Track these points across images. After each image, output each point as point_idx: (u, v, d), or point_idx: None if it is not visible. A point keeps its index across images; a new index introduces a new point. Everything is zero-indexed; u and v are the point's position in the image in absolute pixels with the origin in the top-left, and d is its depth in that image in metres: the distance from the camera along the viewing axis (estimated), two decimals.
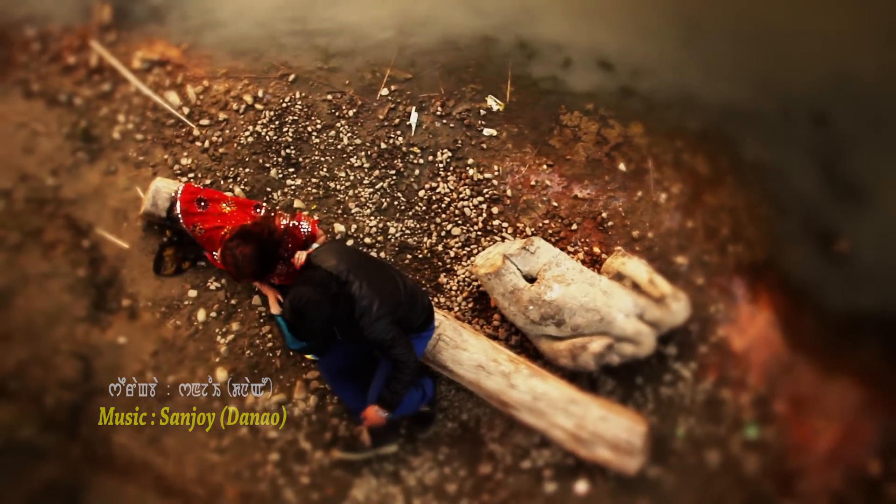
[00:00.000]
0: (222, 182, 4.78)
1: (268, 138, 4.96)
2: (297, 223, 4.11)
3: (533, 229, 4.69)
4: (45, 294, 4.46)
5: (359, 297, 3.69)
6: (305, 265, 3.88)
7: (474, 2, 5.14)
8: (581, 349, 4.26)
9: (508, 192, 4.83)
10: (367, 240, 4.76)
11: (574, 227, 4.71)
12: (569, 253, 4.64)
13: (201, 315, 4.55)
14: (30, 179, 4.78)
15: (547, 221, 4.74)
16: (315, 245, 4.04)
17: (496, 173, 4.87)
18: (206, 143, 4.96)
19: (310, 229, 4.18)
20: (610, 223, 4.71)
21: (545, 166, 4.87)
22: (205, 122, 5.01)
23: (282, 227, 4.01)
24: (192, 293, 4.60)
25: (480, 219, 4.79)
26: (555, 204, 4.78)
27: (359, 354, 4.17)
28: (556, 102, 4.98)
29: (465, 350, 4.29)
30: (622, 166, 4.84)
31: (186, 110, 5.01)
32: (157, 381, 4.34)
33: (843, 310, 4.44)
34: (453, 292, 4.67)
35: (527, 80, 5.06)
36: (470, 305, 4.62)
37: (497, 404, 4.31)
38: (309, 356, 4.30)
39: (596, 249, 4.66)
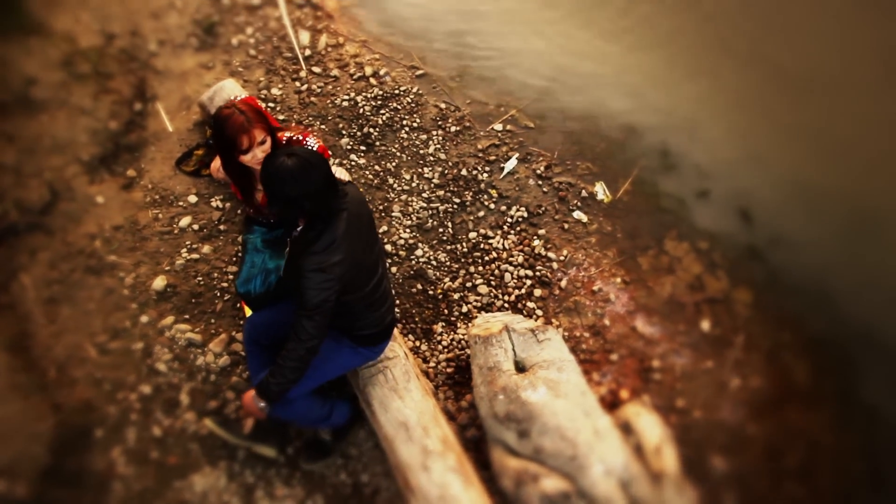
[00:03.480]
0: (292, 124, 4.39)
1: (361, 111, 4.53)
2: (302, 138, 3.51)
3: (566, 332, 3.79)
4: (69, 123, 4.18)
5: (329, 235, 2.84)
6: None
7: (642, 90, 4.57)
8: (531, 479, 3.16)
9: (563, 283, 3.98)
10: (389, 247, 4.09)
11: (614, 357, 3.73)
12: (591, 381, 3.66)
13: (184, 221, 4.02)
14: (137, 37, 4.69)
15: (587, 335, 3.81)
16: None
17: (562, 258, 4.06)
18: (304, 87, 4.63)
19: (315, 145, 3.53)
20: (657, 376, 3.68)
21: (619, 279, 3.99)
22: (317, 70, 4.72)
23: (284, 138, 3.43)
24: (192, 199, 4.12)
25: (517, 292, 3.96)
26: (606, 322, 3.85)
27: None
28: (668, 223, 4.15)
29: (400, 398, 3.35)
30: (706, 325, 3.84)
31: (308, 52, 4.77)
32: (99, 255, 3.85)
33: None
34: (440, 347, 3.80)
35: (649, 188, 4.29)
36: (448, 370, 3.71)
37: (400, 481, 3.27)
38: (248, 310, 3.60)
39: (623, 394, 3.63)
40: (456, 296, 3.96)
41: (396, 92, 4.65)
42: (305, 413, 3.20)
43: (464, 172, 4.36)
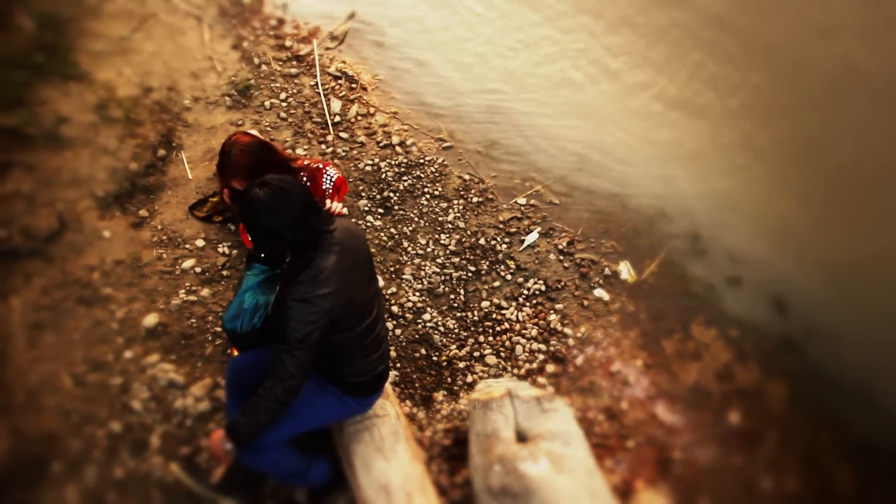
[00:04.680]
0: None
1: (383, 176, 4.45)
2: (322, 167, 3.35)
3: (579, 412, 3.43)
4: (90, 161, 4.14)
5: (318, 265, 2.60)
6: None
7: (673, 174, 4.40)
8: None
9: (578, 361, 3.67)
10: (396, 308, 3.86)
11: (630, 444, 3.35)
12: (603, 468, 3.27)
13: (188, 263, 3.86)
14: (173, 92, 4.75)
15: (601, 417, 3.45)
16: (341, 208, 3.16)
17: (579, 335, 3.77)
18: (329, 150, 4.59)
19: (334, 180, 3.36)
20: (678, 470, 3.28)
21: (640, 362, 3.66)
22: (344, 135, 4.69)
23: (302, 162, 3.29)
24: (200, 243, 3.98)
25: (528, 366, 3.65)
26: (624, 406, 3.50)
27: None
28: (696, 308, 3.85)
29: (385, 460, 2.99)
30: (735, 417, 3.46)
31: (337, 119, 4.77)
32: (95, 287, 3.69)
33: None
34: (439, 416, 3.47)
35: (677, 270, 4.03)
36: (445, 441, 3.36)
37: None
38: (235, 350, 3.35)
39: (638, 484, 3.23)
40: (461, 364, 3.68)
41: (421, 161, 4.58)
42: (278, 464, 2.86)
43: (482, 241, 4.18)
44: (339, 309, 2.62)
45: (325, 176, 3.40)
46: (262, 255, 3.11)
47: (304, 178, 3.48)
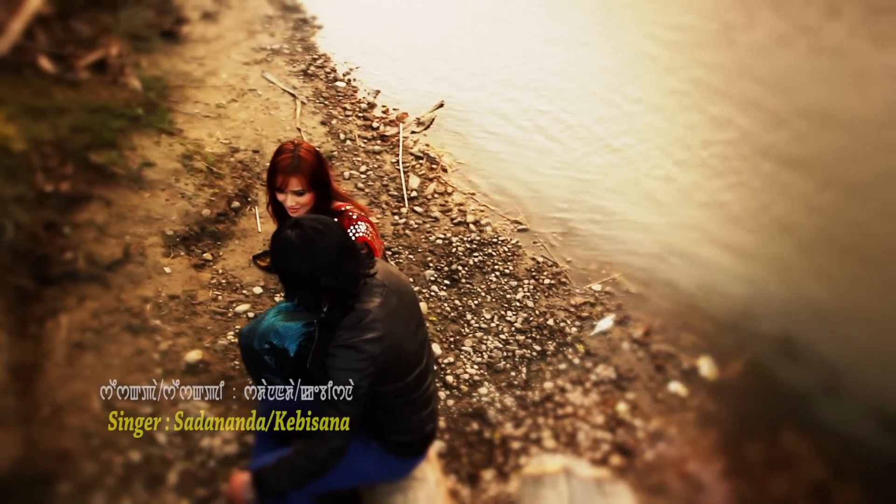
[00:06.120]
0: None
1: (453, 250, 4.30)
2: (353, 216, 3.10)
3: None
4: (166, 203, 4.15)
5: (362, 308, 2.35)
6: None
7: (762, 274, 4.07)
8: None
9: (648, 457, 3.23)
10: (451, 378, 3.56)
11: None
12: None
13: (242, 307, 3.73)
14: (258, 155, 4.85)
15: None
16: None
17: (649, 429, 3.36)
18: (402, 221, 4.51)
19: (364, 233, 2.90)
20: None
21: (719, 466, 3.20)
22: (419, 209, 4.62)
23: (343, 206, 3.09)
24: (258, 290, 3.85)
25: (589, 454, 3.23)
26: None
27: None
28: (785, 414, 3.40)
29: None
30: None
31: (413, 194, 4.72)
32: (145, 317, 3.57)
33: None
34: (485, 496, 3.07)
35: (765, 372, 3.61)
36: None
37: None
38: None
39: None
40: (516, 445, 3.31)
41: (494, 240, 4.43)
42: None
43: (550, 322, 3.90)
44: (387, 356, 2.33)
45: (352, 228, 2.94)
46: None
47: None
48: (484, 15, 7.91)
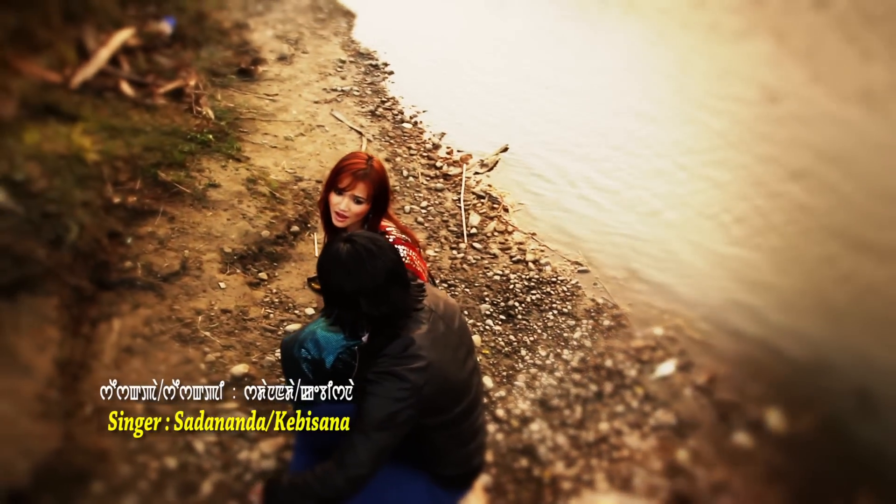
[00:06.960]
0: (436, 282, 4.11)
1: (511, 286, 4.19)
2: (396, 238, 3.02)
3: None
4: (227, 222, 4.18)
5: (407, 335, 2.23)
6: None
7: (834, 331, 3.81)
8: None
9: None
10: (501, 412, 3.39)
11: None
12: None
13: (292, 326, 3.67)
14: (321, 185, 4.88)
15: None
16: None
17: (712, 479, 3.11)
18: (460, 256, 4.44)
19: (404, 256, 2.76)
20: None
21: None
22: (478, 246, 4.54)
23: (385, 228, 3.01)
24: (310, 311, 3.80)
25: (645, 502, 3.02)
26: None
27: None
28: (861, 474, 3.11)
29: None
30: None
31: (473, 230, 4.65)
32: (195, 328, 3.55)
33: None
34: None
35: (840, 428, 3.32)
36: None
37: None
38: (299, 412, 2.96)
39: None
40: (566, 485, 3.10)
41: (553, 280, 4.31)
42: None
43: (608, 363, 3.72)
44: (432, 387, 2.21)
45: None
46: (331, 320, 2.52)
47: None
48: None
